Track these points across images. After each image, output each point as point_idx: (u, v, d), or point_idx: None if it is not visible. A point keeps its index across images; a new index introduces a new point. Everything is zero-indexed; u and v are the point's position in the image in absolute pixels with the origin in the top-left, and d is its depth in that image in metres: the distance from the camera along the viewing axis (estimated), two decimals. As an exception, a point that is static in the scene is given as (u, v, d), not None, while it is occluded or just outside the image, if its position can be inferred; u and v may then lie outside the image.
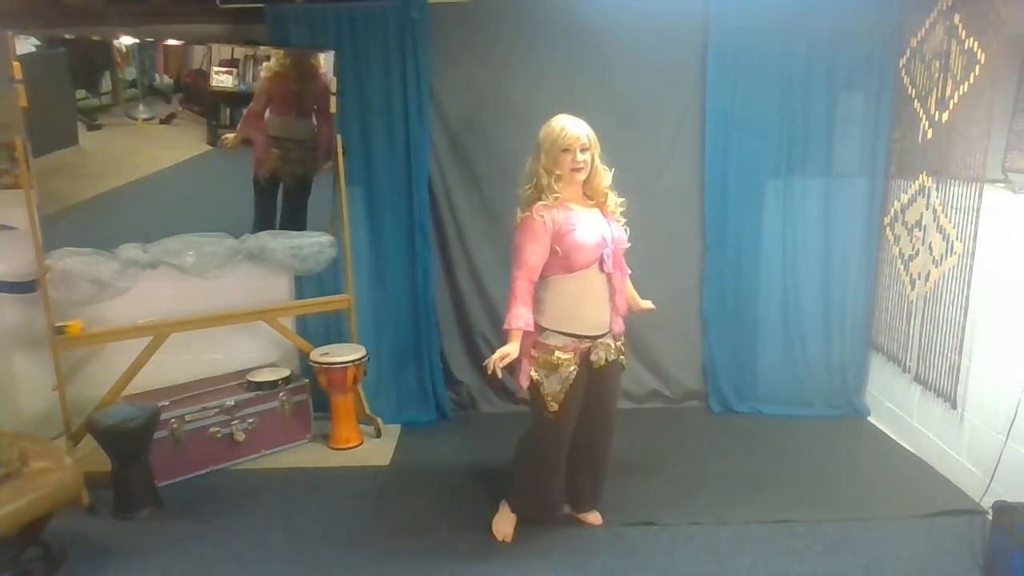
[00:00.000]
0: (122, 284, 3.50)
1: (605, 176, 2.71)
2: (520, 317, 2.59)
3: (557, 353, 2.65)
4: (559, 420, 2.72)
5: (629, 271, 2.80)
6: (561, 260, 2.62)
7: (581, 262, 2.61)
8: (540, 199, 2.64)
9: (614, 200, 2.75)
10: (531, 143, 2.75)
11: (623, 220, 2.77)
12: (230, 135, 3.65)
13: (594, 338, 2.70)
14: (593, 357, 2.70)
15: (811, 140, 3.87)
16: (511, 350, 2.57)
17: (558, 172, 2.63)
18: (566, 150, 2.61)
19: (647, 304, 2.98)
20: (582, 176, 2.66)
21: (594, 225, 2.66)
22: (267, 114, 3.69)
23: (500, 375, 2.60)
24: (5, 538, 2.44)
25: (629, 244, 2.77)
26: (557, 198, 2.63)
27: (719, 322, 4.10)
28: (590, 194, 2.73)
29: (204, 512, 3.19)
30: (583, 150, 2.62)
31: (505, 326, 2.62)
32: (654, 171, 3.96)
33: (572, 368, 2.66)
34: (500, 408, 4.19)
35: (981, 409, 3.16)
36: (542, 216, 2.61)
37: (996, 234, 3.05)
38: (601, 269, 2.64)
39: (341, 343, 3.93)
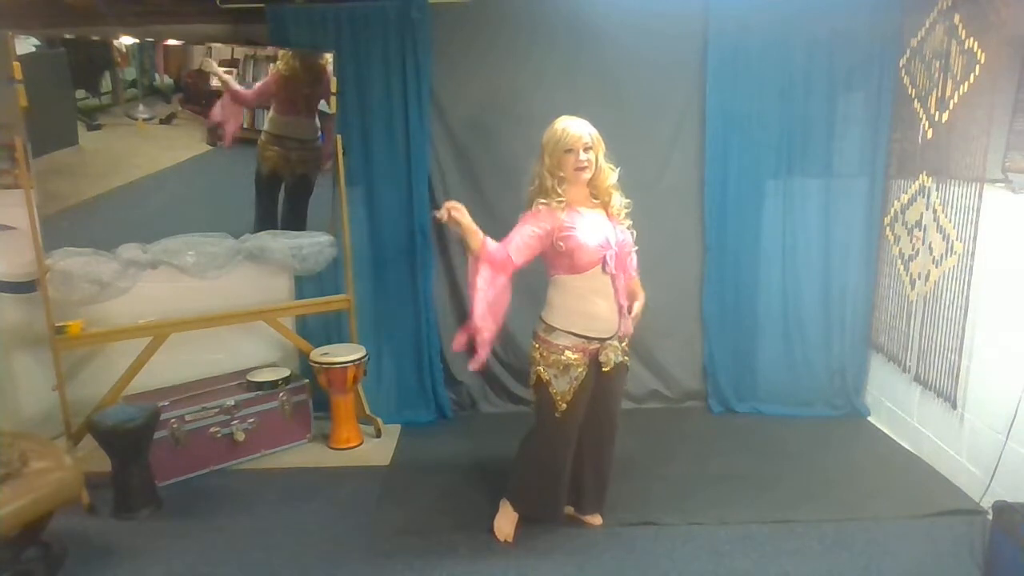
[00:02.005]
0: (122, 284, 3.49)
1: (610, 175, 2.70)
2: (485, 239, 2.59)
3: (567, 353, 2.66)
4: (566, 421, 2.72)
5: (634, 274, 2.79)
6: (565, 259, 2.63)
7: (584, 262, 2.61)
8: (543, 201, 2.65)
9: (619, 201, 2.73)
10: (531, 143, 2.76)
11: (628, 223, 2.75)
12: (219, 68, 3.55)
13: (603, 340, 2.70)
14: (602, 359, 2.70)
15: (811, 140, 3.87)
16: (465, 218, 2.56)
17: (562, 174, 2.63)
18: (569, 150, 2.61)
19: (637, 307, 2.86)
20: (587, 175, 2.66)
21: (597, 226, 2.66)
22: (271, 112, 3.70)
23: (443, 219, 2.54)
24: (5, 538, 2.44)
25: (636, 248, 2.76)
26: (562, 202, 2.63)
27: (719, 322, 4.10)
28: (595, 193, 2.73)
29: (204, 512, 3.19)
30: (586, 149, 2.62)
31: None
32: (654, 171, 3.96)
33: (581, 369, 2.67)
34: (500, 408, 4.19)
35: (981, 409, 3.16)
36: (542, 210, 2.63)
37: (996, 234, 3.05)
38: (604, 271, 2.64)
39: (341, 343, 3.93)
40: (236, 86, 3.59)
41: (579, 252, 2.60)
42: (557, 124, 2.65)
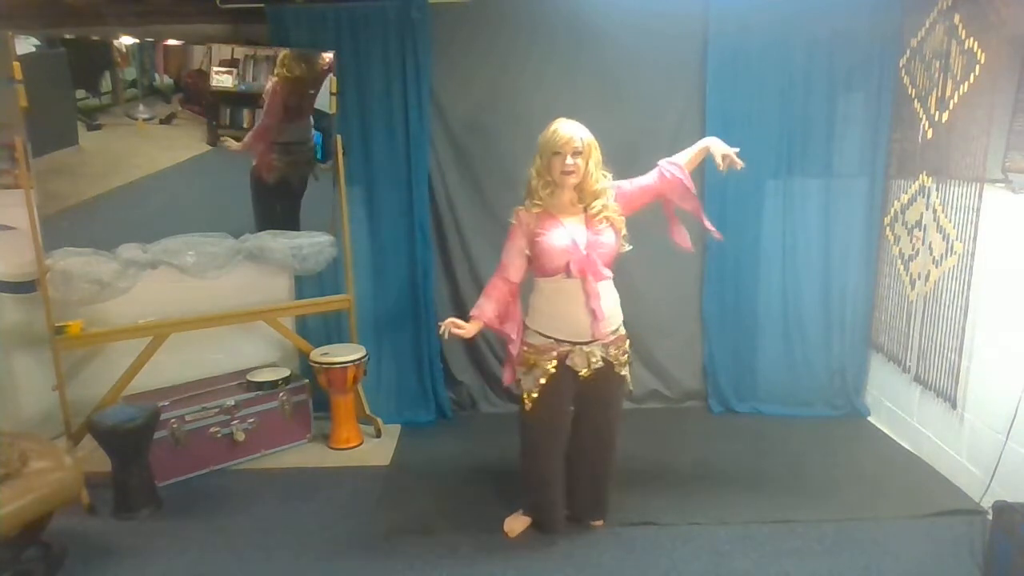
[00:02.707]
0: (122, 284, 3.49)
1: (601, 182, 2.65)
2: (479, 307, 2.72)
3: (534, 351, 2.69)
4: (534, 419, 2.74)
5: (610, 274, 2.69)
6: (536, 262, 2.67)
7: (550, 267, 2.63)
8: (522, 207, 2.69)
9: (600, 203, 2.65)
10: (531, 143, 2.75)
11: (617, 219, 2.69)
12: (232, 140, 3.64)
13: (574, 343, 2.67)
14: (569, 362, 2.68)
15: (811, 140, 3.87)
16: (465, 328, 2.69)
17: (549, 177, 2.62)
18: (557, 153, 2.58)
19: (726, 152, 2.79)
20: (573, 180, 2.61)
21: (569, 231, 2.63)
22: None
23: (446, 337, 2.67)
24: (5, 538, 2.44)
25: (629, 247, 2.72)
26: (539, 206, 2.64)
27: (719, 322, 4.10)
28: (582, 198, 2.68)
29: (204, 512, 3.19)
30: (575, 154, 2.58)
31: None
32: (654, 171, 3.96)
33: (549, 369, 2.66)
34: (500, 408, 4.18)
35: (981, 409, 3.16)
36: (518, 219, 2.68)
37: (996, 234, 3.04)
38: (567, 275, 2.63)
39: (341, 343, 3.93)
40: (251, 136, 3.66)
41: (544, 257, 2.62)
42: (551, 125, 2.63)
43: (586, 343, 2.68)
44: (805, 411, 4.07)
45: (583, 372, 2.68)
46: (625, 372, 2.80)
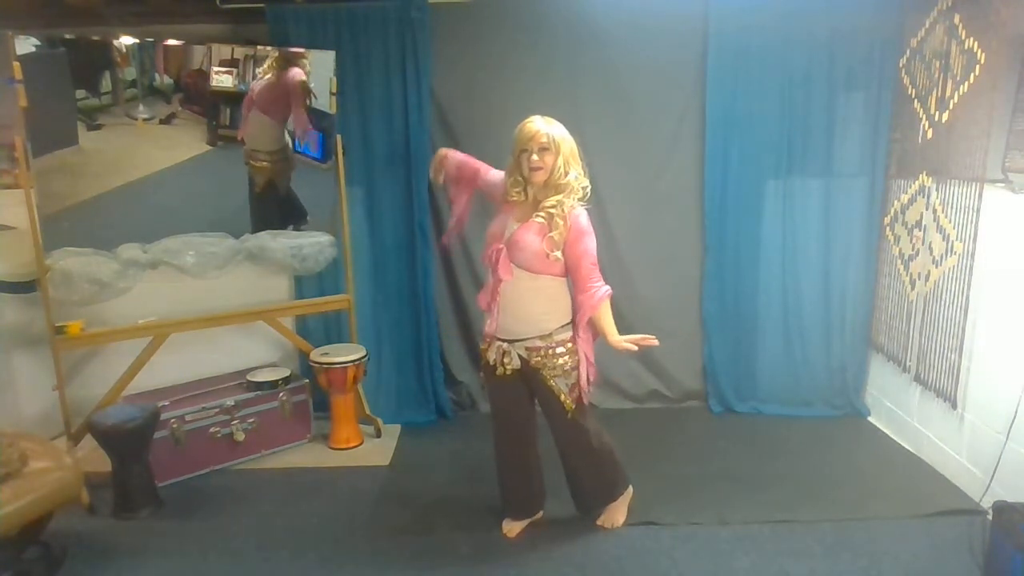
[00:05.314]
0: (122, 284, 3.49)
1: (567, 177, 2.50)
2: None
3: (484, 340, 2.76)
4: (489, 403, 2.88)
5: (526, 275, 2.55)
6: None
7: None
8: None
9: (556, 199, 2.49)
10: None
11: (558, 223, 2.50)
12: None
13: (496, 338, 2.67)
14: (491, 356, 2.69)
15: (811, 140, 3.86)
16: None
17: (519, 175, 2.57)
18: (524, 150, 2.52)
19: (623, 342, 2.63)
20: (540, 177, 2.50)
21: (507, 221, 2.61)
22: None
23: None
24: (5, 538, 2.45)
25: (555, 254, 2.50)
26: (513, 202, 2.62)
27: (719, 322, 4.09)
28: (545, 195, 2.53)
29: (204, 512, 3.19)
30: (542, 150, 2.49)
31: None
32: (654, 171, 3.96)
33: (484, 360, 2.74)
34: (500, 408, 4.19)
35: (981, 409, 3.16)
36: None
37: (996, 234, 3.04)
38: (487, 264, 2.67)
39: (341, 343, 3.93)
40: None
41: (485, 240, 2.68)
42: (523, 122, 2.57)
43: (507, 340, 2.64)
44: (805, 411, 4.07)
45: (499, 370, 2.66)
46: (555, 384, 2.63)
